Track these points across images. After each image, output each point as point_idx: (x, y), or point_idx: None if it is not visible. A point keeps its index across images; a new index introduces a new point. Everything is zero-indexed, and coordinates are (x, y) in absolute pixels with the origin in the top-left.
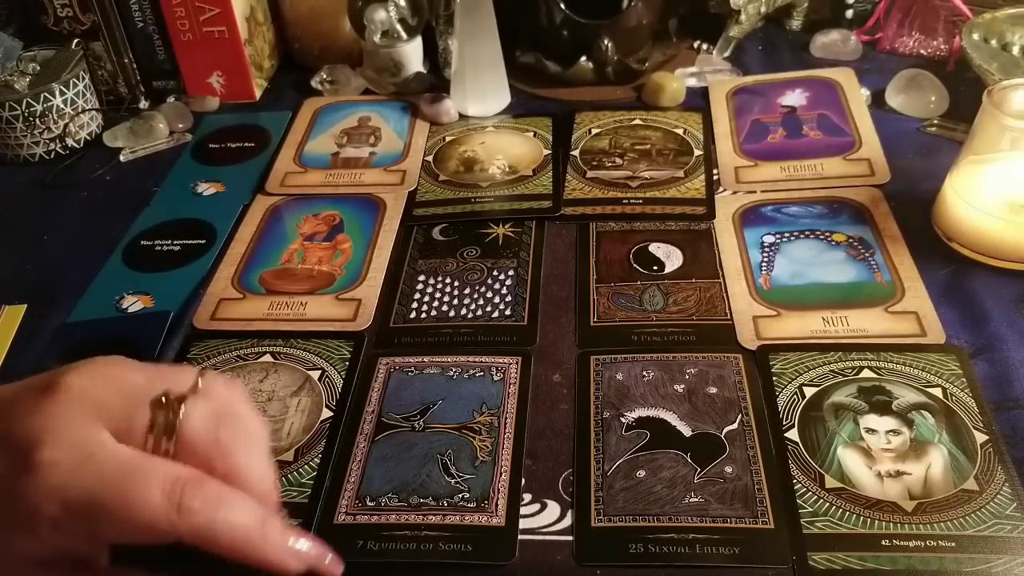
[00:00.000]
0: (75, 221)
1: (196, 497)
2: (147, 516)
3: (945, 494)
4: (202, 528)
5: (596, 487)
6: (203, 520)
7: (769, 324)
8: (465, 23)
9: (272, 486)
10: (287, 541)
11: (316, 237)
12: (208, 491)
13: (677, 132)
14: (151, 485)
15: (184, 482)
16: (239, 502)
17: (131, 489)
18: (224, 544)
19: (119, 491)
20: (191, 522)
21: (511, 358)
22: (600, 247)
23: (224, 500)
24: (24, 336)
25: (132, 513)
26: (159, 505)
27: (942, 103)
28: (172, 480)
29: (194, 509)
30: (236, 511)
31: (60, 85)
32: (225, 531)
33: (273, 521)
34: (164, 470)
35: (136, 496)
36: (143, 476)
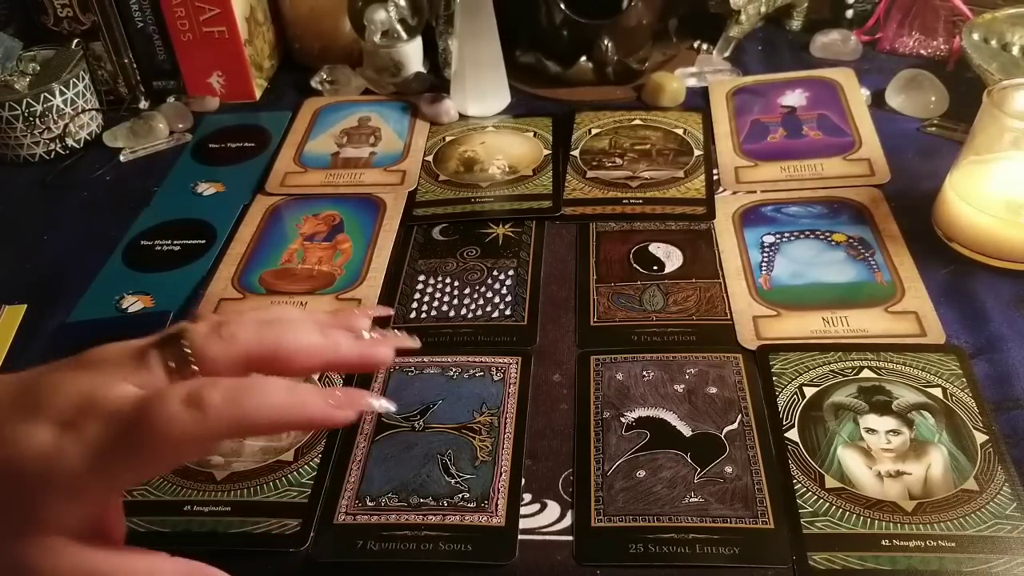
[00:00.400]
0: (75, 221)
1: (215, 394)
2: (178, 431)
3: (945, 494)
4: (234, 417)
5: (596, 487)
6: (231, 411)
7: (769, 324)
8: (465, 23)
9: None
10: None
11: (316, 237)
12: (226, 385)
13: (677, 132)
14: (169, 403)
15: (199, 387)
16: (259, 382)
17: (152, 415)
18: (262, 423)
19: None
20: (219, 416)
21: (511, 358)
22: (600, 247)
23: (244, 385)
24: (24, 336)
25: (162, 434)
26: (183, 415)
27: (942, 103)
28: (187, 390)
29: (217, 403)
30: (259, 391)
31: (60, 85)
32: (257, 412)
33: (303, 387)
34: (178, 387)
35: (158, 418)
36: (159, 400)
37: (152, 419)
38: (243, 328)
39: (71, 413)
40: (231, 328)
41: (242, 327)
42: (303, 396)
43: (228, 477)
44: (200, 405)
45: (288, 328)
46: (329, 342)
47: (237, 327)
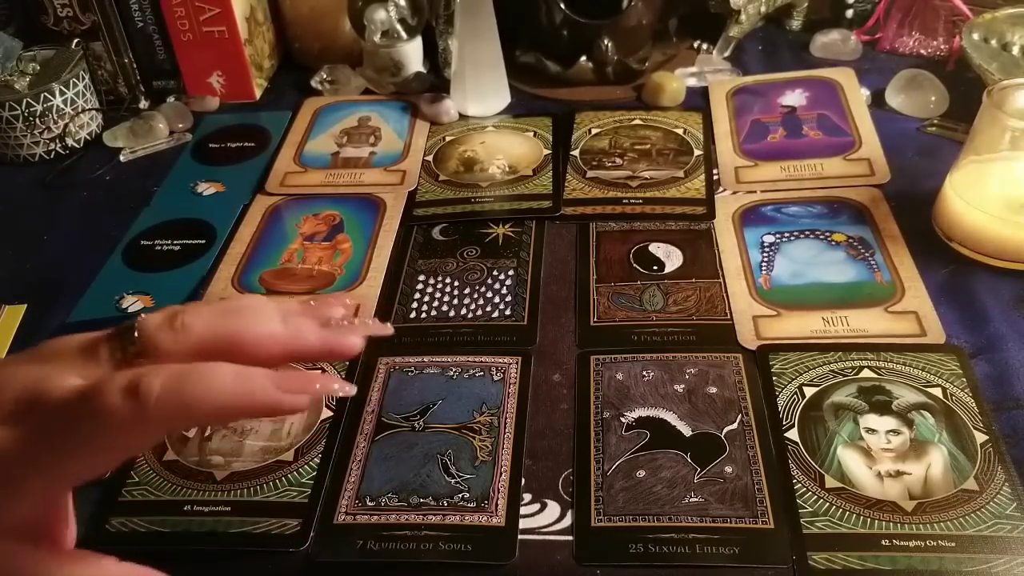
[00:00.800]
0: (75, 221)
1: (155, 381)
2: (116, 420)
3: (945, 494)
4: (174, 407)
5: (596, 487)
6: (172, 399)
7: (769, 324)
8: (465, 23)
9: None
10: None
11: (316, 237)
12: (168, 372)
13: (677, 132)
14: (109, 392)
15: (139, 375)
16: (203, 368)
17: (92, 403)
18: (208, 411)
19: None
20: (160, 406)
21: (511, 358)
22: (600, 247)
23: (186, 372)
24: (24, 336)
25: (100, 425)
26: (122, 406)
27: (942, 103)
28: (128, 379)
29: (156, 392)
30: (202, 377)
31: (60, 85)
32: (200, 398)
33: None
34: (118, 376)
35: (98, 408)
36: (99, 389)
37: (90, 410)
38: (199, 318)
39: (12, 407)
40: (185, 318)
41: (198, 317)
42: (250, 382)
43: (228, 477)
44: (139, 394)
45: (248, 317)
46: (290, 330)
47: (193, 317)
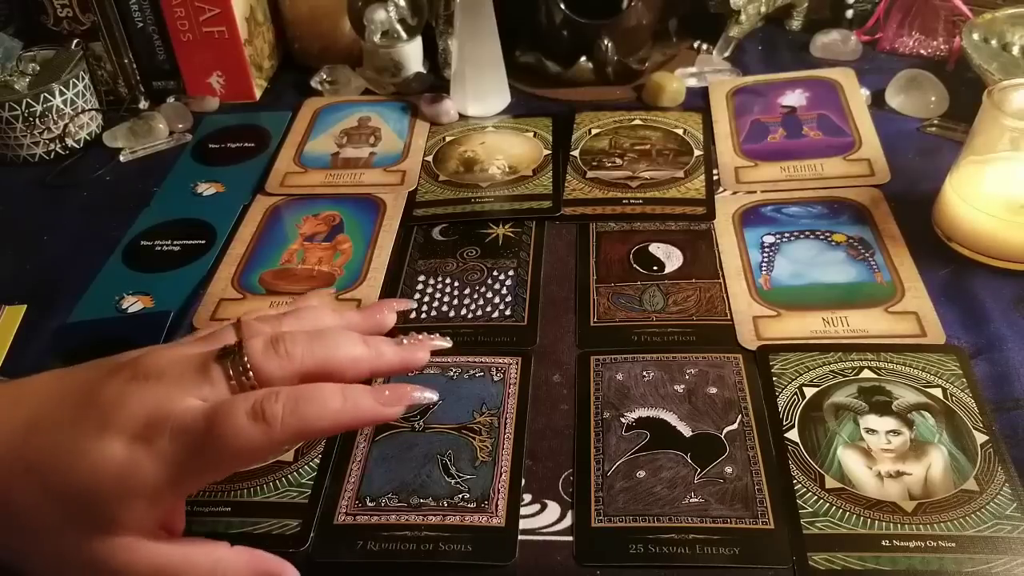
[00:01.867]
0: (75, 221)
1: (275, 405)
2: (245, 441)
3: (945, 494)
4: (295, 426)
5: (596, 487)
6: (293, 421)
7: (769, 324)
8: (465, 23)
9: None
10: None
11: (316, 237)
12: (282, 395)
13: (677, 132)
14: (235, 415)
15: (261, 399)
16: (314, 389)
17: (221, 428)
18: (323, 427)
19: (213, 436)
20: (283, 426)
21: (511, 358)
22: (600, 247)
23: (300, 395)
24: (24, 336)
25: (232, 446)
26: (249, 427)
27: (942, 103)
28: (251, 404)
29: (279, 415)
30: (315, 399)
31: (60, 85)
32: (316, 419)
33: (354, 389)
34: (241, 400)
35: (227, 431)
36: (225, 413)
37: (220, 432)
38: (297, 345)
39: (141, 428)
40: (286, 345)
41: (296, 344)
42: (356, 399)
43: (229, 477)
44: (264, 417)
45: (336, 342)
46: (373, 352)
47: (292, 344)
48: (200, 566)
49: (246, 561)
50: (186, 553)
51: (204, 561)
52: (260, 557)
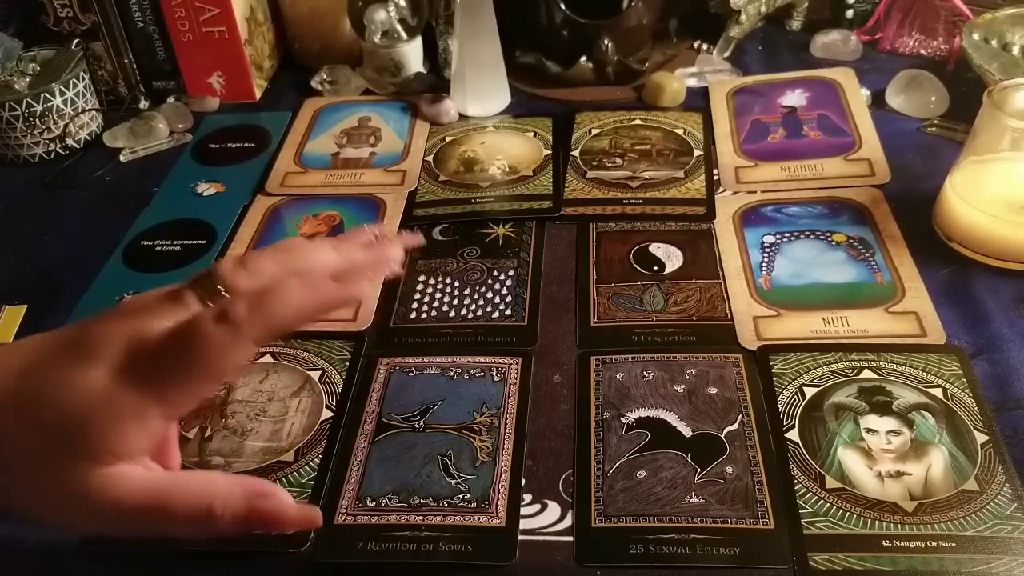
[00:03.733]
0: (75, 221)
1: (239, 307)
2: (214, 344)
3: (945, 494)
4: (263, 326)
5: (596, 487)
6: (259, 321)
7: (769, 324)
8: (465, 23)
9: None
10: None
11: (316, 237)
12: (246, 296)
13: (677, 132)
14: (202, 322)
15: (224, 305)
16: (273, 288)
17: (192, 340)
18: (289, 316)
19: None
20: (251, 328)
21: (511, 358)
22: (600, 247)
23: (261, 295)
24: (24, 336)
25: (206, 355)
26: (215, 330)
27: (942, 103)
28: (217, 312)
29: (242, 314)
30: (277, 295)
31: (60, 85)
32: (280, 308)
33: (313, 276)
34: (207, 312)
35: (198, 342)
36: (194, 321)
37: (190, 340)
38: (265, 260)
39: (122, 355)
40: (255, 262)
41: (264, 259)
42: (315, 285)
43: None
44: (230, 318)
45: (305, 251)
46: (343, 256)
47: (260, 260)
48: (191, 492)
49: (239, 484)
50: (177, 481)
51: (194, 485)
52: (251, 481)
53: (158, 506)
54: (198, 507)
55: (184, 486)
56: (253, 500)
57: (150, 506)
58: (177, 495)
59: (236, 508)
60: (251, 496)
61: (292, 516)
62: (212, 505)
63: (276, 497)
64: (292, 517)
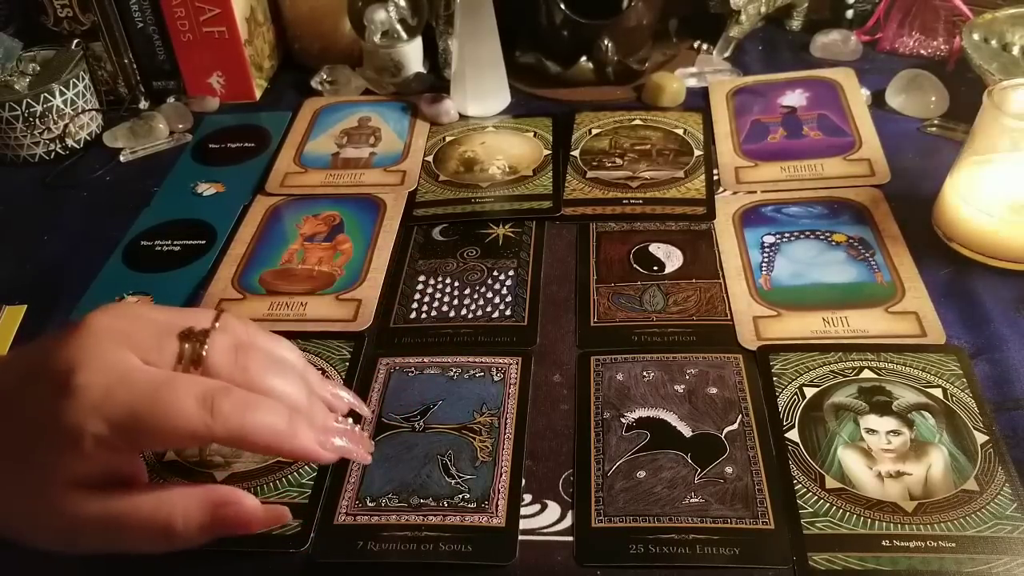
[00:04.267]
0: (75, 221)
1: (226, 402)
2: (184, 423)
3: (945, 494)
4: (235, 429)
5: (596, 488)
6: (236, 422)
7: (769, 324)
8: (465, 23)
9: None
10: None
11: (316, 237)
12: (236, 396)
13: (677, 132)
14: (186, 395)
15: (214, 390)
16: (266, 403)
17: (167, 400)
18: (257, 442)
19: (156, 403)
20: (225, 425)
21: (511, 358)
22: (600, 247)
23: (251, 403)
24: (24, 336)
25: (170, 422)
26: (194, 412)
27: (942, 103)
28: (203, 389)
29: (225, 412)
30: (263, 412)
31: (60, 85)
32: (256, 430)
33: (299, 419)
34: (195, 381)
35: (172, 406)
36: (177, 388)
37: (165, 404)
38: (254, 362)
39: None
40: (248, 360)
41: (253, 361)
42: (297, 429)
43: (229, 477)
44: (211, 408)
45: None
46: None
47: (250, 359)
48: (143, 508)
49: (198, 495)
50: (133, 501)
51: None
52: (212, 489)
53: (117, 527)
54: (155, 524)
55: (140, 504)
56: (215, 509)
57: (109, 528)
58: (133, 514)
59: (198, 519)
60: (212, 505)
61: (259, 517)
62: (171, 521)
63: (239, 504)
64: (258, 518)
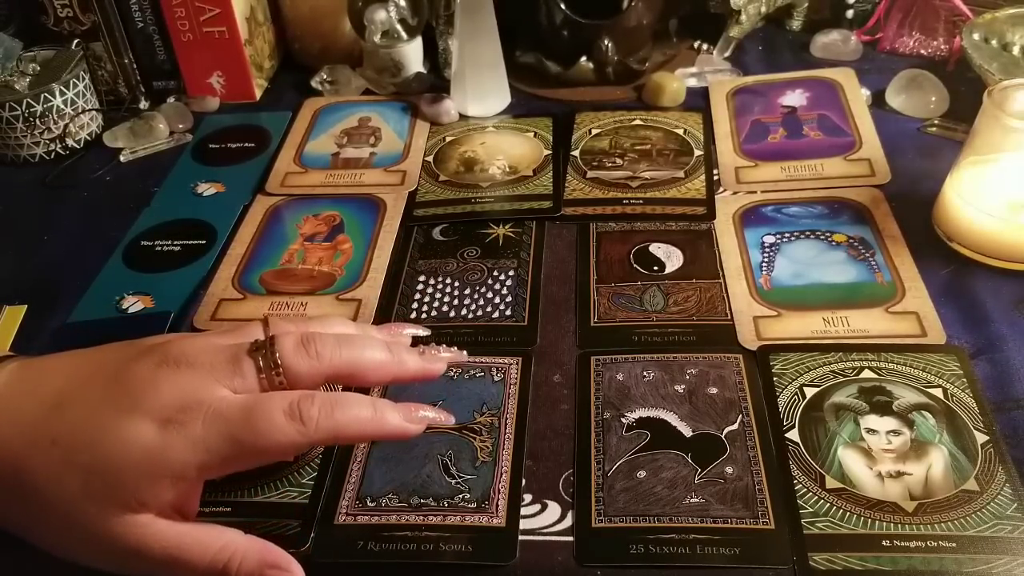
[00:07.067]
0: (75, 221)
1: (312, 408)
2: (281, 437)
3: (946, 494)
4: (329, 430)
5: (597, 488)
6: (327, 424)
7: (769, 324)
8: (465, 23)
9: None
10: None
11: (316, 237)
12: (319, 399)
13: (677, 132)
14: (276, 411)
15: (297, 400)
16: (348, 398)
17: (258, 423)
18: (351, 435)
19: (251, 426)
20: (318, 428)
21: (511, 358)
22: (600, 247)
23: (336, 402)
24: (24, 337)
25: (270, 439)
26: (286, 424)
27: (942, 103)
28: (287, 403)
29: (315, 417)
30: (348, 406)
31: (60, 85)
32: (347, 425)
33: (382, 403)
34: (278, 398)
35: (264, 427)
36: (264, 409)
37: (258, 426)
38: (327, 347)
39: (173, 411)
40: (316, 346)
41: (325, 346)
42: (384, 412)
43: (229, 478)
44: (301, 418)
45: (362, 346)
46: (396, 359)
47: (321, 346)
48: (210, 548)
49: (257, 550)
50: (198, 535)
51: (215, 543)
52: (270, 549)
53: (177, 557)
54: (215, 564)
55: (204, 541)
56: (267, 569)
57: (169, 557)
58: (197, 550)
59: (250, 571)
60: (266, 564)
61: None
62: (228, 565)
63: (290, 572)
64: None
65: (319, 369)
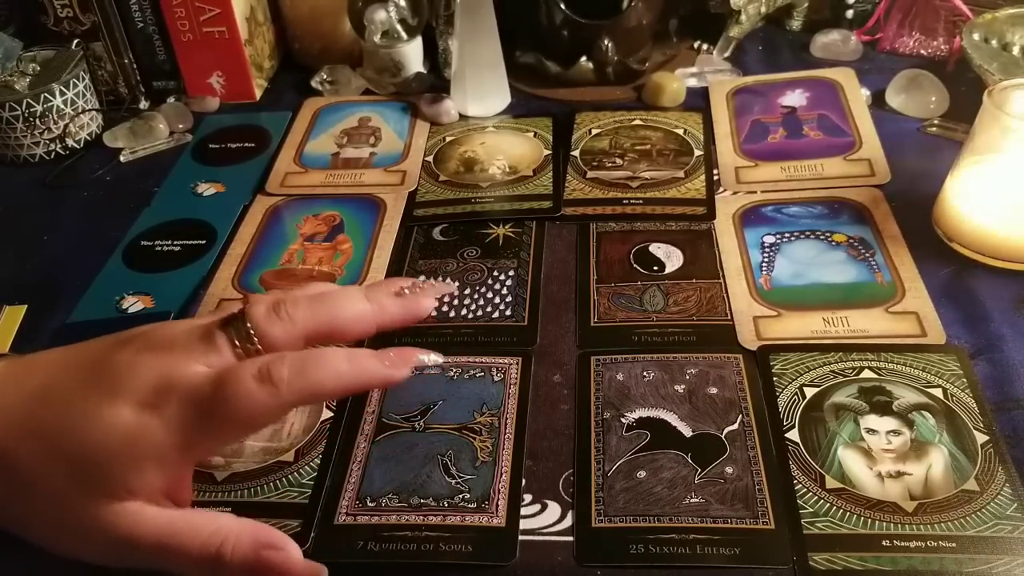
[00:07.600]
0: (75, 221)
1: (282, 368)
2: (253, 403)
3: (946, 495)
4: (304, 388)
5: (597, 488)
6: (300, 382)
7: (769, 324)
8: (465, 23)
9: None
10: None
11: (316, 237)
12: (289, 359)
13: (677, 132)
14: (243, 380)
15: (267, 364)
16: (321, 353)
17: (228, 392)
18: (330, 390)
19: (221, 399)
20: (290, 388)
21: (511, 358)
22: (600, 247)
23: (307, 358)
24: (24, 337)
25: (241, 406)
26: (257, 389)
27: (942, 103)
28: (257, 368)
29: (286, 377)
30: (322, 362)
31: (60, 85)
32: (323, 380)
33: (360, 352)
34: (248, 365)
35: (234, 394)
36: (233, 378)
37: (228, 395)
38: (299, 308)
39: (151, 394)
40: (288, 309)
41: (298, 308)
42: (361, 361)
43: (229, 478)
44: (272, 380)
45: (336, 301)
46: (375, 306)
47: (293, 308)
48: (202, 532)
49: (250, 531)
50: (189, 519)
51: (207, 527)
52: (263, 529)
53: (168, 544)
54: (207, 548)
55: (196, 526)
56: (262, 550)
57: (160, 544)
58: (188, 535)
59: (245, 554)
60: (260, 545)
61: (299, 569)
62: (222, 548)
63: (285, 550)
64: (299, 570)
65: (294, 332)
